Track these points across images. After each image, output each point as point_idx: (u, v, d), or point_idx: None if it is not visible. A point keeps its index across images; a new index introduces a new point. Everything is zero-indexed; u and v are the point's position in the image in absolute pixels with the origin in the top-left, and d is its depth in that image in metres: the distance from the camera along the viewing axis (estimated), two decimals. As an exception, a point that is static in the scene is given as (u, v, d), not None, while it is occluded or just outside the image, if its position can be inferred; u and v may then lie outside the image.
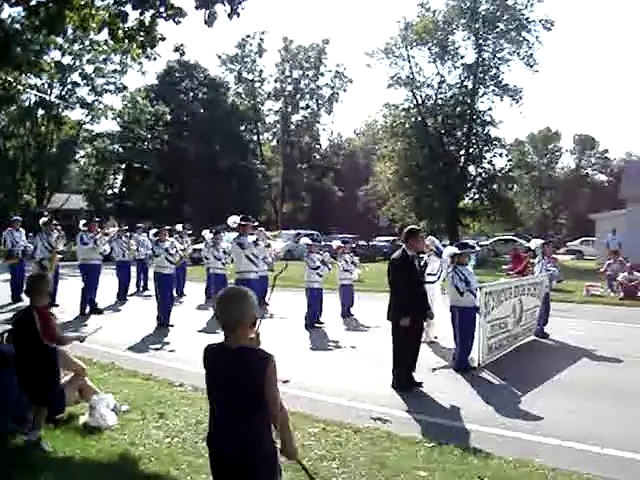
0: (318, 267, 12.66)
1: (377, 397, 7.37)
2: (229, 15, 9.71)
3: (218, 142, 53.62)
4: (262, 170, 59.45)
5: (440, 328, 10.53)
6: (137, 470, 4.64)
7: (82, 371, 6.05)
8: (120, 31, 10.94)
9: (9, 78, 12.57)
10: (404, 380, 7.77)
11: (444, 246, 11.19)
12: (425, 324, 8.61)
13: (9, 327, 5.81)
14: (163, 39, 11.14)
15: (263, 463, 3.02)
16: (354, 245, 18.41)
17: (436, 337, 10.77)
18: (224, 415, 3.09)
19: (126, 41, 11.21)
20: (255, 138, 63.49)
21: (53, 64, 31.37)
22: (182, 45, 11.89)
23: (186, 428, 5.74)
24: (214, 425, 3.17)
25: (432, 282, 10.39)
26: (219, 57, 63.26)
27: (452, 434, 6.06)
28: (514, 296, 10.19)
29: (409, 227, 8.20)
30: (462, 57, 45.54)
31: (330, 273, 13.46)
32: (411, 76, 46.05)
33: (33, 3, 10.49)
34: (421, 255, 8.21)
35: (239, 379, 3.00)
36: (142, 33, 10.91)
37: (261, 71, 64.18)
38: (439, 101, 46.17)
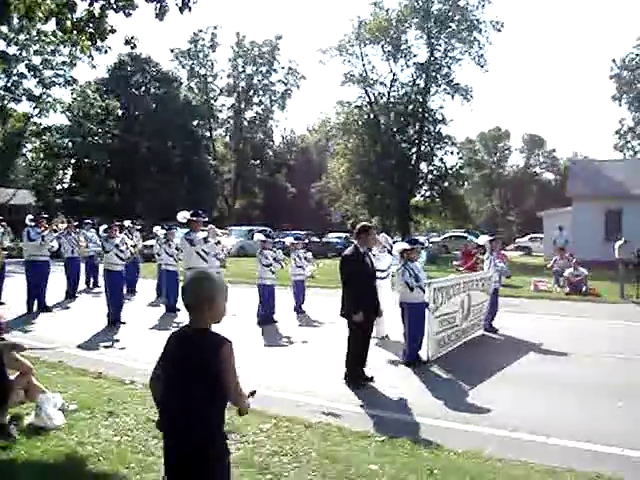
0: (271, 264, 12.64)
1: (329, 392, 7.41)
2: (180, 9, 9.62)
3: (170, 138, 52.99)
4: (215, 166, 59.03)
5: (390, 325, 10.62)
6: (85, 470, 4.57)
7: (28, 370, 5.92)
8: (68, 22, 10.72)
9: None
10: (355, 375, 7.83)
11: (395, 242, 11.29)
12: (375, 321, 8.68)
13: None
14: (113, 31, 10.95)
15: (212, 450, 3.00)
16: (307, 241, 18.42)
17: (387, 335, 10.83)
18: (173, 397, 3.04)
19: (75, 32, 11.02)
20: (208, 134, 62.85)
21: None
22: (133, 38, 11.62)
23: (136, 426, 5.68)
24: (163, 407, 3.14)
25: (382, 278, 10.47)
26: (171, 51, 62.54)
27: (403, 428, 6.14)
28: (463, 291, 10.35)
29: (362, 224, 8.24)
30: (415, 56, 46.09)
31: (282, 269, 13.47)
32: (364, 74, 46.32)
33: (-26, -10, 10.25)
34: (373, 252, 8.28)
35: (192, 361, 2.98)
36: (91, 24, 10.73)
37: (213, 66, 63.68)
38: (392, 99, 46.55)
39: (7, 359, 5.62)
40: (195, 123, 58.75)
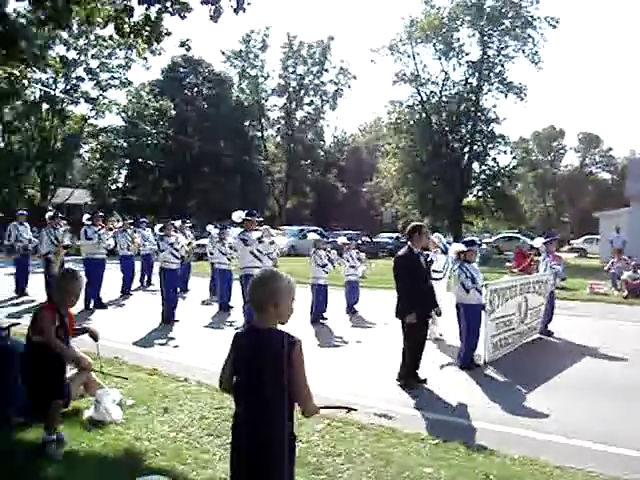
0: (325, 264, 12.67)
1: (382, 393, 7.37)
2: (235, 10, 9.70)
3: (222, 138, 53.62)
4: (266, 166, 59.45)
5: (445, 325, 10.53)
6: (143, 464, 4.63)
7: (89, 366, 6.04)
8: (126, 26, 10.96)
9: (15, 72, 12.57)
10: (409, 377, 7.77)
11: (449, 243, 11.17)
12: (430, 321, 8.60)
13: (15, 321, 5.84)
14: (169, 34, 11.14)
15: (280, 454, 3.00)
16: (360, 241, 18.50)
17: (441, 334, 10.77)
18: (246, 400, 3.06)
19: (131, 36, 11.23)
20: (259, 134, 63.42)
21: (58, 59, 31.34)
22: (188, 40, 11.81)
23: (191, 423, 5.73)
24: (237, 415, 3.14)
25: (438, 279, 10.38)
26: (223, 53, 63.09)
27: (457, 431, 6.04)
28: (519, 294, 10.17)
29: (413, 224, 8.15)
30: (467, 54, 45.64)
31: (335, 269, 13.47)
32: (416, 73, 46.13)
33: (39, -3, 10.52)
34: (426, 252, 8.19)
35: (263, 361, 2.98)
36: (148, 28, 10.92)
37: (264, 66, 64.07)
38: (444, 98, 46.24)
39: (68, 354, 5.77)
40: (246, 123, 59.33)
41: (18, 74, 13.10)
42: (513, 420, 6.44)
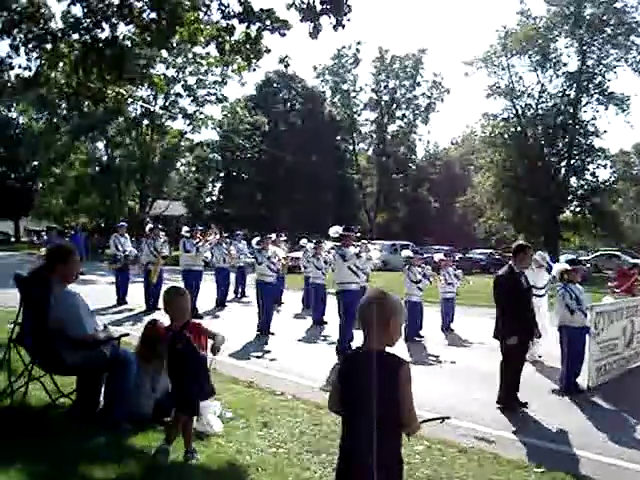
0: (419, 280, 12.49)
1: (480, 416, 7.16)
2: (334, 27, 9.79)
3: (315, 152, 54.22)
4: (358, 180, 59.61)
5: (546, 347, 10.18)
6: (246, 479, 4.67)
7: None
8: (227, 44, 11.26)
9: (122, 91, 13.16)
10: (509, 400, 7.53)
11: (553, 261, 10.80)
12: (530, 342, 8.32)
13: (125, 331, 6.05)
14: (268, 51, 11.38)
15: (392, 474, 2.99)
16: (458, 258, 18.27)
17: (540, 356, 10.40)
18: (354, 423, 3.03)
19: (232, 54, 11.53)
20: (351, 148, 63.72)
21: (162, 77, 32.67)
22: (287, 57, 12.07)
23: (290, 439, 5.74)
24: (346, 437, 3.11)
25: (540, 296, 10.06)
26: (314, 69, 63.93)
27: (559, 459, 5.80)
28: (625, 317, 9.71)
29: (518, 243, 7.93)
30: (564, 65, 44.35)
31: (430, 286, 13.29)
32: (511, 85, 45.19)
33: (146, 20, 10.97)
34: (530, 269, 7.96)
35: (372, 383, 2.93)
36: (248, 46, 11.18)
37: (356, 81, 64.43)
38: (540, 111, 45.03)
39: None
40: (339, 137, 59.74)
41: (125, 93, 13.73)
42: (620, 451, 6.11)
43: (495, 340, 7.64)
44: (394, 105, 63.99)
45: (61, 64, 12.20)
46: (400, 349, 11.19)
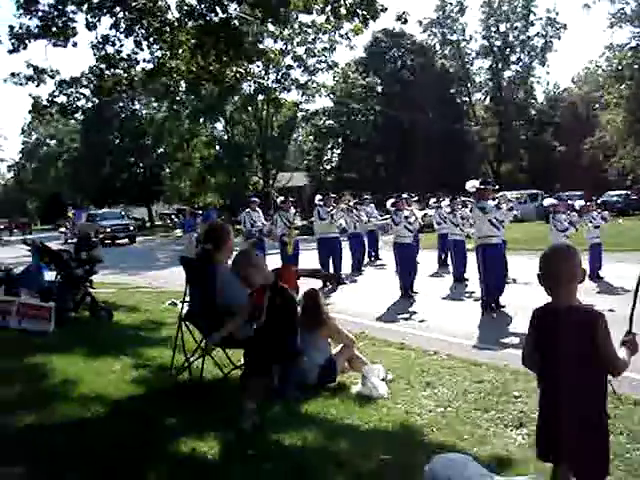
0: (567, 228, 12.03)
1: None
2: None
3: (430, 108, 53.25)
4: (477, 132, 57.98)
5: None
6: (422, 439, 4.67)
7: (351, 343, 6.29)
8: (342, 8, 11.20)
9: (241, 70, 13.44)
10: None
11: None
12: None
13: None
14: (384, 10, 11.20)
15: (591, 432, 2.92)
16: (599, 201, 17.56)
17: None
18: (554, 379, 3.00)
19: (348, 17, 11.45)
20: (467, 99, 61.90)
21: (278, 52, 33.07)
22: (404, 13, 11.76)
23: (455, 398, 5.70)
24: (545, 394, 3.10)
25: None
26: (420, 23, 61.89)
27: None
28: None
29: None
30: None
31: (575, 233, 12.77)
32: (638, 10, 41.86)
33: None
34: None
35: (570, 340, 2.90)
36: (363, 7, 11.06)
37: (465, 30, 62.22)
38: (674, 33, 41.62)
39: (332, 332, 6.09)
40: (453, 91, 58.20)
41: (243, 72, 14.00)
42: None
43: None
44: (508, 49, 61.06)
45: (180, 51, 12.64)
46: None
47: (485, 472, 3.83)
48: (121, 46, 12.73)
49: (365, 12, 11.08)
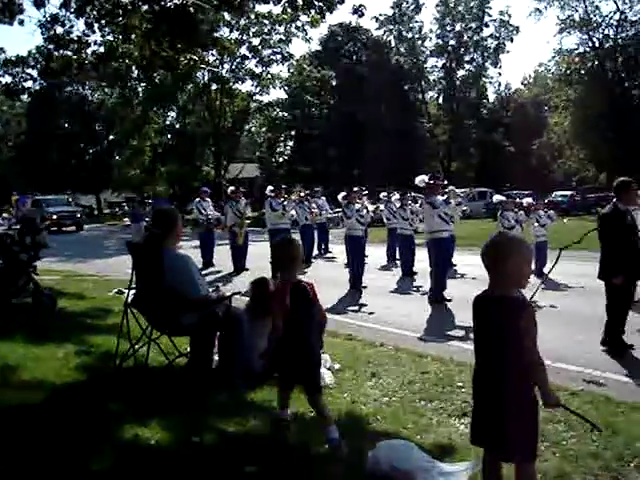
0: (513, 227, 12.25)
1: (586, 359, 6.98)
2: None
3: (384, 103, 53.59)
4: (429, 129, 58.60)
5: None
6: (367, 428, 4.74)
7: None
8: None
9: (194, 57, 13.26)
10: (616, 342, 7.35)
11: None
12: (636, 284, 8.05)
13: (237, 290, 6.23)
14: (342, 2, 11.20)
15: (518, 413, 3.01)
16: (548, 200, 17.92)
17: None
18: (483, 364, 3.13)
19: (304, 9, 11.43)
20: (420, 97, 62.48)
21: (233, 40, 32.86)
22: (361, 6, 11.81)
23: (400, 387, 5.79)
24: (476, 375, 3.20)
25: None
26: (376, 19, 62.14)
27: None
28: None
29: (621, 179, 7.57)
30: (648, -13, 41.71)
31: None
32: (586, 17, 42.92)
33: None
34: (633, 209, 7.66)
35: (499, 327, 3.00)
36: (321, -1, 11.04)
37: (421, 28, 62.82)
38: (619, 41, 42.74)
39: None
40: (407, 87, 58.68)
41: (197, 59, 13.82)
42: None
43: (593, 283, 7.46)
44: (462, 49, 61.99)
45: (133, 36, 12.39)
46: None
47: (428, 458, 3.90)
48: (71, 27, 12.43)
49: (322, 3, 11.06)
